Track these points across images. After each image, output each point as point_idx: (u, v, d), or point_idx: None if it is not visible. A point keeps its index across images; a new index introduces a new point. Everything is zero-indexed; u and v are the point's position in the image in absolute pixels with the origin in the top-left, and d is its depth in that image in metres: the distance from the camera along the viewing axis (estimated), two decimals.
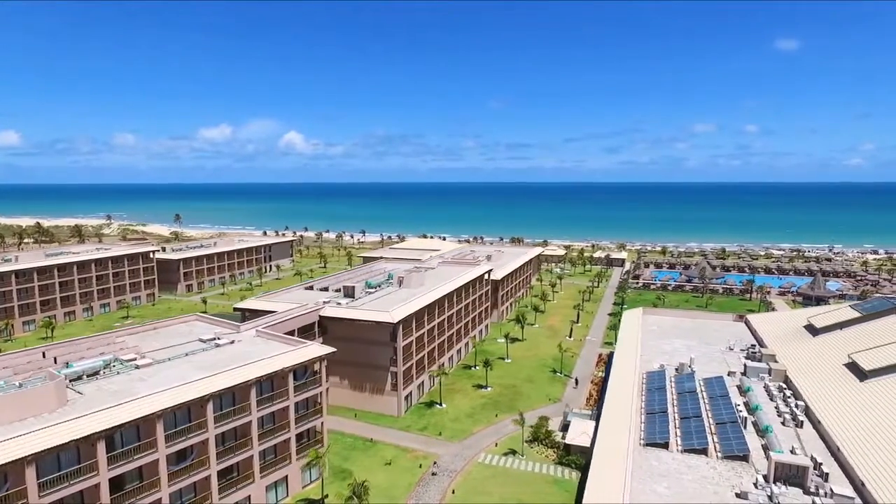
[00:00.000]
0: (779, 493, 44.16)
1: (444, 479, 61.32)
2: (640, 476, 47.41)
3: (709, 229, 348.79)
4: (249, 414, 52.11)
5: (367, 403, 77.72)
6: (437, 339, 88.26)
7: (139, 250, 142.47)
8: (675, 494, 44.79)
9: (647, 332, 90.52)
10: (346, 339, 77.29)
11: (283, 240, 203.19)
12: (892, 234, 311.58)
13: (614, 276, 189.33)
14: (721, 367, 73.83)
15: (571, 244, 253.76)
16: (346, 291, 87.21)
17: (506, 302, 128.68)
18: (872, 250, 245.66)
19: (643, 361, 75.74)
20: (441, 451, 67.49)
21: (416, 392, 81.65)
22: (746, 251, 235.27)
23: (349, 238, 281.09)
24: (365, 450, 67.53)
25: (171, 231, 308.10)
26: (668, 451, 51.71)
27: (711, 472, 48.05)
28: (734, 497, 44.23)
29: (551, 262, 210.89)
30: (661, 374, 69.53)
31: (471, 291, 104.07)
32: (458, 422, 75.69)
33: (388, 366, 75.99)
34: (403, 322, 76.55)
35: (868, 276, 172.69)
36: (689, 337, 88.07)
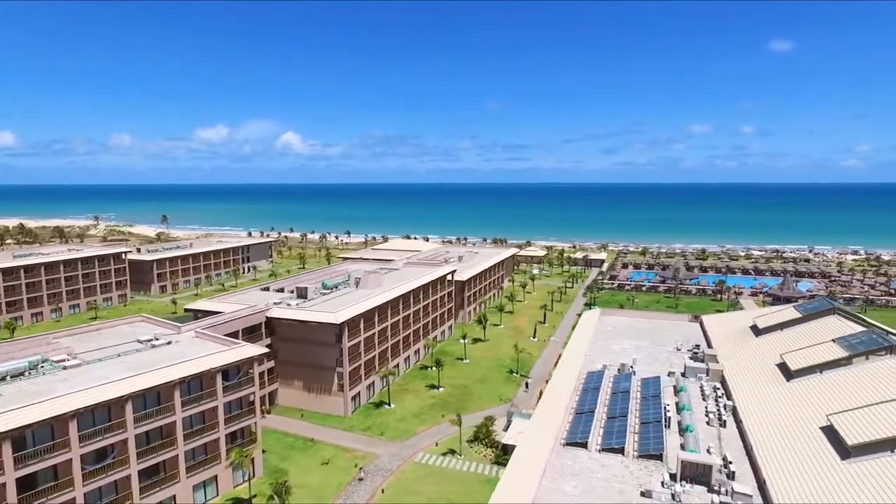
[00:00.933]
0: (682, 490, 44.83)
1: (377, 478, 61.95)
2: (551, 475, 48.02)
3: (698, 230, 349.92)
4: (174, 414, 52.65)
5: (314, 404, 78.26)
6: (389, 340, 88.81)
7: (110, 251, 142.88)
8: (581, 493, 45.39)
9: (601, 332, 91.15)
10: (294, 340, 78.03)
11: (262, 241, 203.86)
12: (880, 234, 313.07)
13: (591, 276, 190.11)
14: (664, 367, 74.35)
15: (553, 245, 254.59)
16: (299, 293, 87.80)
17: (473, 303, 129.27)
18: (854, 251, 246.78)
19: (588, 362, 76.32)
20: (380, 450, 68.08)
21: (366, 392, 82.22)
22: (727, 252, 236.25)
23: (333, 239, 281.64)
24: (304, 449, 68.09)
25: (157, 232, 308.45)
26: (587, 450, 52.27)
27: (624, 471, 48.66)
28: (639, 496, 44.91)
29: (531, 262, 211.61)
30: (601, 375, 70.10)
31: (431, 292, 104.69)
32: (404, 422, 76.29)
33: (334, 366, 76.56)
34: (350, 323, 77.13)
35: (842, 276, 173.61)
36: (641, 337, 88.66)
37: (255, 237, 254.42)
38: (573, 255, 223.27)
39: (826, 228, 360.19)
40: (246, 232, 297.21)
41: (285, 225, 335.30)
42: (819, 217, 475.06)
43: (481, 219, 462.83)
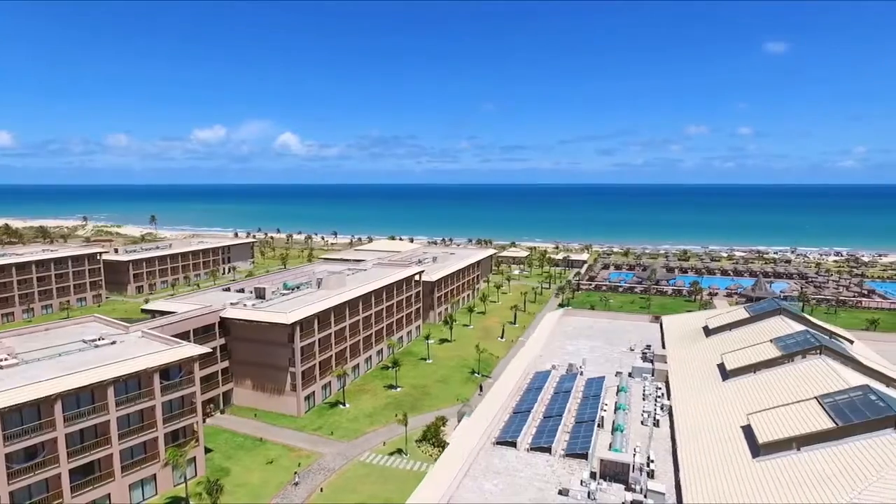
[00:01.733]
0: (600, 489, 45.37)
1: (318, 477, 62.41)
2: (474, 474, 48.54)
3: (686, 232, 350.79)
4: (107, 413, 53.09)
5: (267, 403, 78.70)
6: (348, 340, 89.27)
7: (85, 252, 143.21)
8: (500, 491, 45.93)
9: (559, 333, 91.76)
10: (248, 341, 78.50)
11: (244, 241, 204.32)
12: (866, 236, 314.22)
13: (570, 277, 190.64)
14: (614, 367, 74.84)
15: (538, 245, 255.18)
16: (258, 293, 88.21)
17: (444, 303, 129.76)
18: (836, 252, 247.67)
19: (539, 362, 76.92)
20: (327, 450, 68.55)
21: (321, 392, 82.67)
22: (709, 253, 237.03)
23: (320, 239, 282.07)
24: (251, 449, 68.53)
25: (145, 232, 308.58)
26: (516, 449, 52.80)
27: (547, 470, 49.21)
28: (557, 494, 45.48)
29: (513, 263, 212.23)
30: (546, 375, 70.65)
31: (395, 293, 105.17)
32: (356, 421, 76.77)
33: (286, 366, 77.03)
34: (303, 323, 77.65)
35: (818, 277, 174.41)
36: (597, 338, 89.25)
37: (241, 238, 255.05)
38: (556, 255, 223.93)
39: (813, 230, 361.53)
40: (233, 232, 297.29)
41: (276, 225, 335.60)
42: (808, 219, 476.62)
43: (474, 219, 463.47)
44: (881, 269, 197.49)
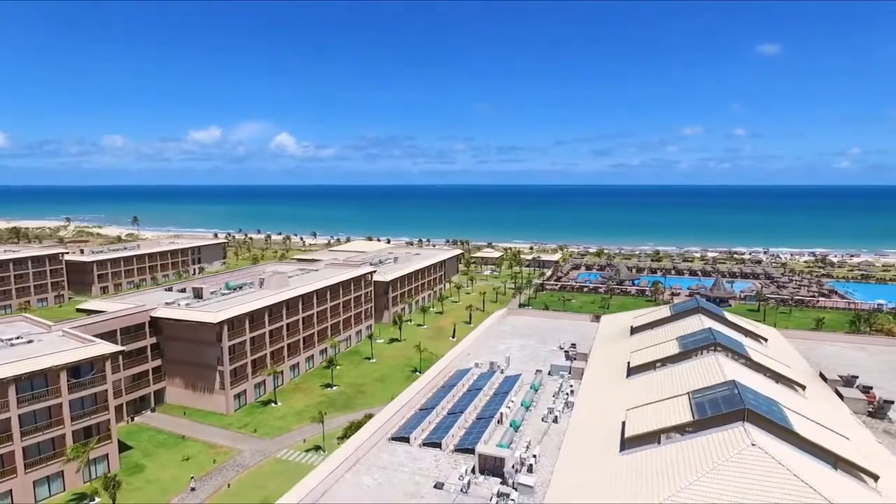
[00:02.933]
0: (473, 482, 46.40)
1: (230, 473, 63.47)
2: (359, 469, 49.51)
3: (668, 232, 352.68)
4: (7, 410, 54.08)
5: (198, 401, 79.75)
6: (286, 339, 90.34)
7: (46, 252, 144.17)
8: (377, 485, 46.92)
9: (496, 332, 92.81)
10: (179, 340, 79.56)
11: (215, 242, 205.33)
12: (849, 236, 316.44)
13: (535, 277, 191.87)
14: (538, 365, 76.05)
15: (514, 246, 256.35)
16: (195, 293, 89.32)
17: (400, 303, 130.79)
18: (811, 253, 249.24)
19: (464, 360, 78.05)
20: (247, 447, 69.62)
21: (254, 391, 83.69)
22: (682, 253, 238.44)
23: (298, 240, 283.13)
24: (172, 446, 69.57)
25: (126, 233, 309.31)
26: (409, 444, 53.92)
27: (432, 465, 50.22)
28: (432, 487, 46.53)
29: (485, 263, 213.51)
30: (464, 373, 71.76)
31: (341, 293, 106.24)
32: (284, 419, 77.84)
33: (215, 365, 78.08)
34: (233, 322, 78.76)
35: (782, 277, 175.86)
36: (532, 337, 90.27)
37: (219, 238, 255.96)
38: (528, 256, 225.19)
39: (794, 231, 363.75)
40: (213, 233, 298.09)
41: (266, 226, 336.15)
42: (795, 220, 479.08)
43: (464, 221, 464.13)
44: (848, 269, 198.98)
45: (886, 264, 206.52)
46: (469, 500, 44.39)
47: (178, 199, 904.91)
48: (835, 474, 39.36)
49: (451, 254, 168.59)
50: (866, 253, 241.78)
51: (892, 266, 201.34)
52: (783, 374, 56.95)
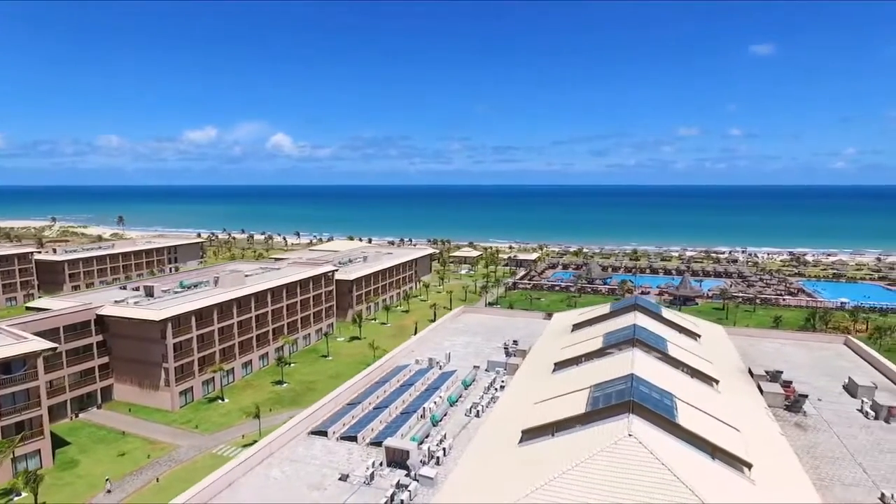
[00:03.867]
0: (378, 473, 47.38)
1: (163, 468, 64.41)
2: (271, 462, 50.38)
3: (654, 232, 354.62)
4: None
5: (144, 398, 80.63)
6: (237, 337, 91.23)
7: (15, 252, 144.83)
8: (284, 478, 47.85)
9: (448, 329, 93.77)
10: (126, 337, 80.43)
11: (192, 241, 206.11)
12: (836, 236, 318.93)
13: (507, 276, 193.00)
14: (479, 361, 77.13)
15: (494, 245, 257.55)
16: (147, 291, 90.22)
17: (365, 302, 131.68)
18: (789, 252, 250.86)
19: (406, 356, 79.05)
20: (185, 442, 70.53)
21: (202, 387, 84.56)
22: (660, 253, 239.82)
23: (281, 240, 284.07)
24: (111, 442, 70.46)
25: (111, 233, 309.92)
26: (327, 438, 54.96)
27: (343, 458, 51.11)
28: (336, 479, 47.53)
29: (463, 262, 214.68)
30: (401, 369, 72.79)
31: (299, 291, 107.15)
32: (228, 416, 78.74)
33: (160, 362, 78.98)
34: (179, 319, 79.69)
35: (751, 276, 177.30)
36: (480, 334, 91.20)
37: (202, 238, 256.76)
38: (507, 255, 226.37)
39: (780, 230, 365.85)
40: (196, 233, 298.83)
41: (260, 226, 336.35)
42: (779, 220, 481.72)
43: (454, 220, 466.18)
44: (822, 268, 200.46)
45: (860, 263, 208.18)
46: (369, 491, 45.44)
47: (173, 200, 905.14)
48: (711, 463, 40.46)
49: (422, 253, 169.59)
50: (848, 252, 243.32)
51: (865, 265, 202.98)
52: (698, 369, 57.97)
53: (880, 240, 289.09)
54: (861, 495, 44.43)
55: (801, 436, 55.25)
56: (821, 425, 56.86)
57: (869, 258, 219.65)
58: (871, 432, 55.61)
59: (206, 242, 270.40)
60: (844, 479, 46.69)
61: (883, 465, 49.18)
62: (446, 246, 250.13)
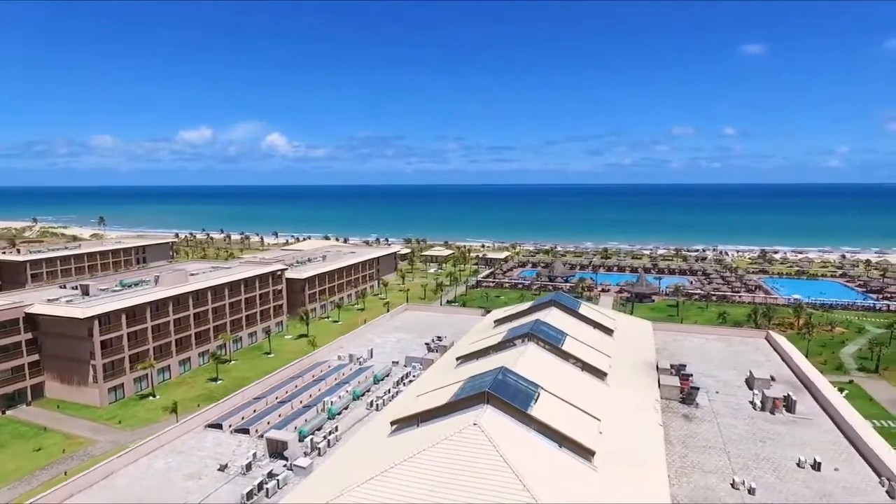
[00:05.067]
0: (251, 464, 48.65)
1: (75, 462, 65.74)
2: (157, 454, 51.68)
3: (633, 230, 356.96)
4: None
5: (73, 395, 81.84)
6: (174, 335, 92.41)
7: None
8: (165, 468, 49.01)
9: (384, 326, 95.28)
10: (55, 335, 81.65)
11: (162, 241, 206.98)
12: (815, 234, 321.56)
13: (481, 275, 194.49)
14: (398, 357, 78.55)
15: (467, 244, 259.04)
16: (83, 290, 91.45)
17: (320, 300, 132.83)
18: (762, 250, 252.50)
19: (335, 352, 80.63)
20: (104, 438, 71.76)
21: (134, 384, 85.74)
22: (633, 251, 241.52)
23: (258, 239, 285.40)
24: (30, 437, 71.64)
25: (91, 233, 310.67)
26: (221, 431, 56.33)
27: (230, 449, 52.36)
28: (216, 469, 48.90)
29: (432, 261, 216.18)
30: (319, 364, 74.32)
31: (244, 290, 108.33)
32: (154, 412, 79.91)
33: (88, 359, 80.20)
34: (108, 317, 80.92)
35: (713, 273, 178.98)
36: (413, 331, 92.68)
37: (180, 238, 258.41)
38: (479, 254, 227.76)
39: (756, 229, 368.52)
40: (174, 234, 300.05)
41: (242, 227, 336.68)
42: (763, 218, 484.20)
43: (442, 220, 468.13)
44: (788, 266, 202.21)
45: (825, 261, 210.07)
46: (244, 480, 46.87)
47: (165, 200, 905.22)
48: (557, 451, 41.95)
49: (385, 252, 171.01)
50: (816, 251, 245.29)
51: (830, 263, 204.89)
52: (589, 363, 59.40)
53: (864, 238, 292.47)
54: (715, 481, 46.00)
55: (683, 426, 56.83)
56: (707, 416, 58.43)
57: (835, 256, 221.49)
58: (753, 423, 57.22)
59: (183, 243, 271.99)
60: (706, 467, 48.19)
61: (749, 454, 50.77)
62: (420, 245, 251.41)
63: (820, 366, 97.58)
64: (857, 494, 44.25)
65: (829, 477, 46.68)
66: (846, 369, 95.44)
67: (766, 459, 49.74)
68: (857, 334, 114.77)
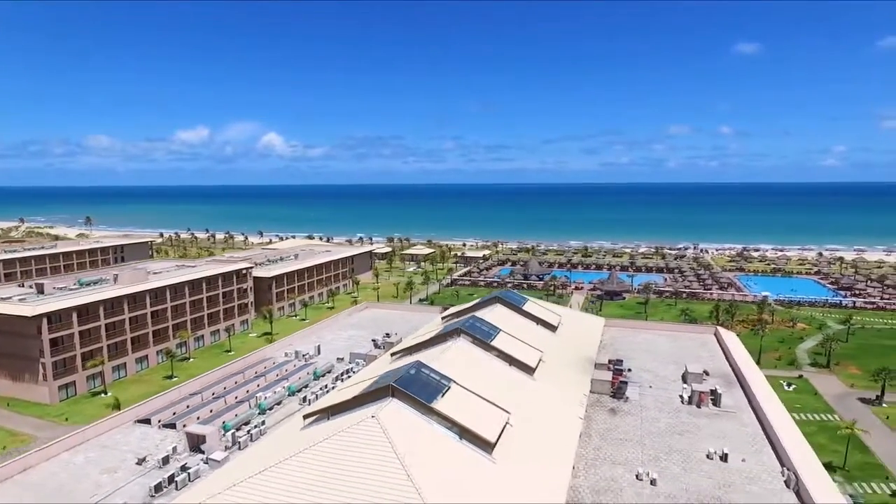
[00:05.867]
0: (168, 457, 49.21)
1: (9, 458, 66.17)
2: (79, 449, 52.15)
3: (620, 228, 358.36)
4: None
5: (23, 392, 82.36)
6: (129, 332, 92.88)
7: None
8: (84, 462, 49.47)
9: (340, 323, 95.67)
10: (5, 333, 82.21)
11: (140, 241, 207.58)
12: (794, 232, 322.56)
13: (457, 273, 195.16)
14: (344, 354, 79.12)
15: (448, 243, 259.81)
16: (38, 288, 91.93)
17: (288, 298, 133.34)
18: (744, 247, 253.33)
19: (283, 348, 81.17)
20: (47, 434, 71.99)
21: (86, 382, 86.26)
22: (613, 250, 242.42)
23: (242, 239, 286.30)
24: None
25: (78, 233, 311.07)
26: (150, 426, 56.90)
27: (153, 443, 52.73)
28: (133, 464, 49.46)
29: (414, 260, 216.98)
30: (268, 361, 75.00)
31: (206, 288, 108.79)
32: (102, 410, 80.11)
33: (38, 357, 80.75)
34: (59, 315, 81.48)
35: (688, 271, 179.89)
36: (367, 328, 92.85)
37: (164, 238, 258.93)
38: (458, 253, 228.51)
39: (741, 227, 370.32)
40: (170, 232, 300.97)
41: (234, 227, 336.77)
42: (748, 217, 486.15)
43: (431, 219, 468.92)
44: (767, 263, 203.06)
45: (803, 258, 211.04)
46: (159, 473, 47.38)
47: (160, 200, 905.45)
48: (456, 444, 42.61)
49: (360, 251, 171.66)
50: (797, 248, 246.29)
51: (807, 260, 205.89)
52: (517, 358, 60.12)
53: (847, 236, 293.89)
54: (622, 472, 46.50)
55: (607, 419, 57.39)
56: (634, 410, 58.98)
57: (813, 254, 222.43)
58: (676, 416, 57.80)
59: (168, 242, 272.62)
60: (617, 459, 48.72)
61: (663, 446, 51.36)
62: (402, 244, 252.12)
63: (774, 361, 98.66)
64: (756, 483, 44.91)
65: (734, 468, 47.34)
66: (799, 364, 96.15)
67: (679, 451, 50.39)
68: (817, 330, 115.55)
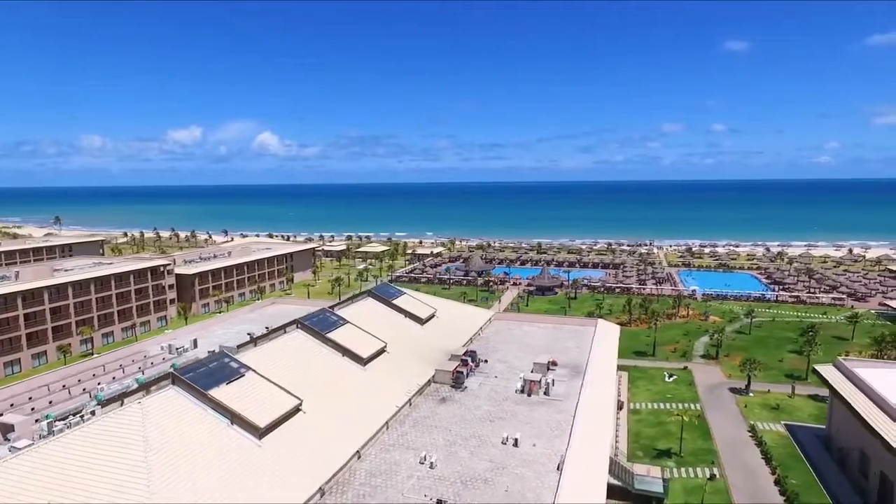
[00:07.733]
0: None
1: None
2: None
3: (595, 226, 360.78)
4: None
5: None
6: (24, 329, 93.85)
7: None
8: None
9: (238, 318, 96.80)
10: None
11: (91, 240, 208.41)
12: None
13: (401, 270, 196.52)
14: None
15: (411, 241, 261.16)
16: None
17: (213, 295, 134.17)
18: (701, 244, 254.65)
19: (167, 340, 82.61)
20: None
21: None
22: (566, 245, 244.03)
23: (205, 237, 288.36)
24: None
25: (46, 232, 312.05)
26: None
27: None
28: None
29: (367, 257, 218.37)
30: (139, 354, 76.61)
31: (116, 285, 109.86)
32: None
33: None
34: None
35: (627, 267, 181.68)
36: (263, 323, 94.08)
37: (128, 237, 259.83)
38: (415, 250, 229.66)
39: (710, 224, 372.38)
40: (122, 232, 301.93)
41: (219, 226, 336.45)
42: (725, 214, 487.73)
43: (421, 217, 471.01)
44: (715, 259, 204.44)
45: (751, 254, 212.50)
46: None
47: (149, 200, 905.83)
48: (227, 429, 44.19)
49: (300, 248, 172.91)
50: (749, 244, 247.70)
51: (754, 256, 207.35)
52: (350, 349, 61.70)
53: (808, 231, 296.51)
54: (409, 457, 47.99)
55: (432, 408, 58.88)
56: (466, 400, 60.49)
57: (761, 249, 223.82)
58: (500, 405, 59.31)
59: (131, 241, 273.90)
60: (414, 445, 50.18)
61: (467, 433, 52.89)
62: (360, 241, 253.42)
63: (668, 353, 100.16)
64: (530, 466, 46.39)
65: (520, 452, 48.79)
66: (690, 356, 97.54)
67: (478, 437, 51.75)
68: (728, 323, 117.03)
